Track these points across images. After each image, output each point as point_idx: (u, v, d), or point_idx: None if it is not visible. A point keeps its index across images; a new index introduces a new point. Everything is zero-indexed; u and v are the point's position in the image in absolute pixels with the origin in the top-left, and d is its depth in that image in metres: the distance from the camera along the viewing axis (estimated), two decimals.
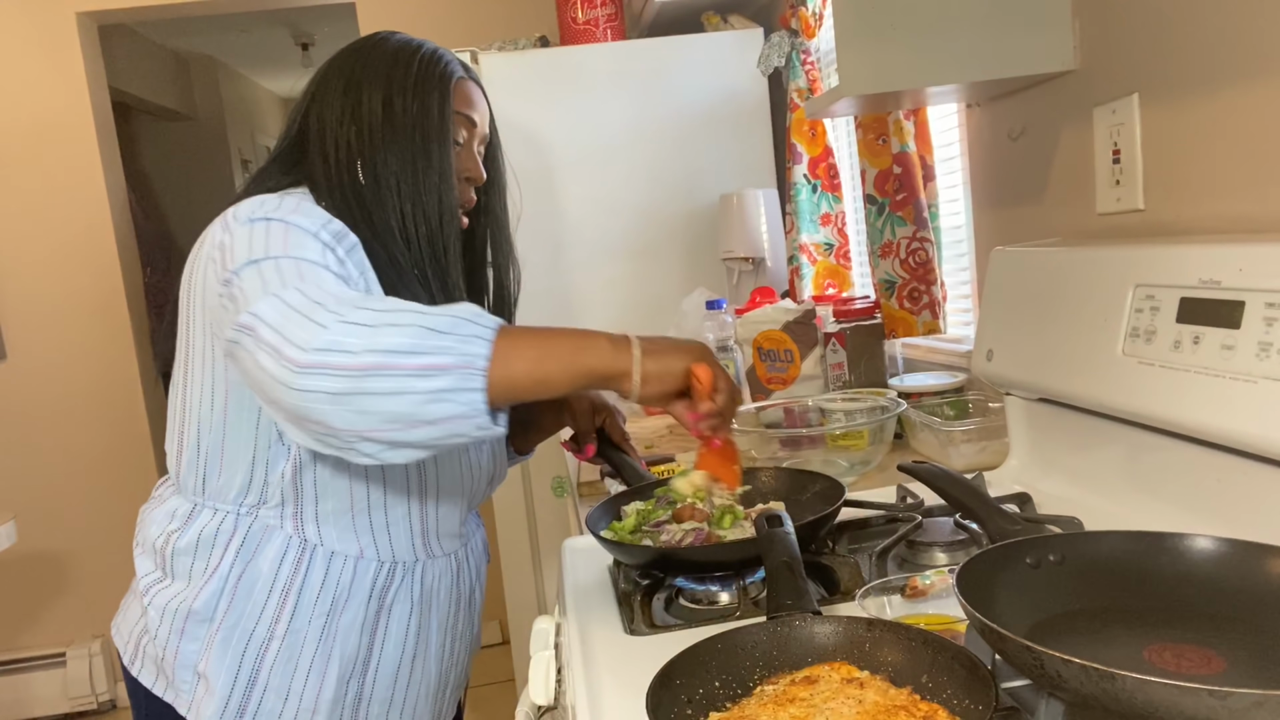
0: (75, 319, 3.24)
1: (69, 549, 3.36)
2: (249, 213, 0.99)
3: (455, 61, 1.15)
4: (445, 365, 0.83)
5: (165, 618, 1.08)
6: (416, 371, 0.82)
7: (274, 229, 0.96)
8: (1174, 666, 0.64)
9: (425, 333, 0.83)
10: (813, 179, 2.25)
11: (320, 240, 0.98)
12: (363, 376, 0.82)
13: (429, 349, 0.83)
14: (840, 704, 0.67)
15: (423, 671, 1.16)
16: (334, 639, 1.08)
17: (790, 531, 0.93)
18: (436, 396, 0.83)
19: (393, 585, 1.11)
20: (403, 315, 0.85)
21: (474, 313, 0.87)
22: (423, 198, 1.08)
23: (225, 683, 1.05)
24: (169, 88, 4.69)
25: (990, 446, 1.41)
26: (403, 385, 0.82)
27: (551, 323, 2.73)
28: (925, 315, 1.77)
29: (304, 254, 0.94)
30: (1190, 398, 0.93)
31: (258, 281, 0.90)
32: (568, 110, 2.52)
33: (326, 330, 0.83)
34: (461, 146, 1.14)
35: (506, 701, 2.91)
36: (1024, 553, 0.76)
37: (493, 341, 0.85)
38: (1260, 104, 1.01)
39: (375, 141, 1.08)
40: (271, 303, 0.86)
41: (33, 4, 3.14)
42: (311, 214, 1.01)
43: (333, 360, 0.82)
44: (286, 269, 0.91)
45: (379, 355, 0.82)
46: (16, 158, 3.18)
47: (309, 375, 0.82)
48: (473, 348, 0.84)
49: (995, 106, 1.55)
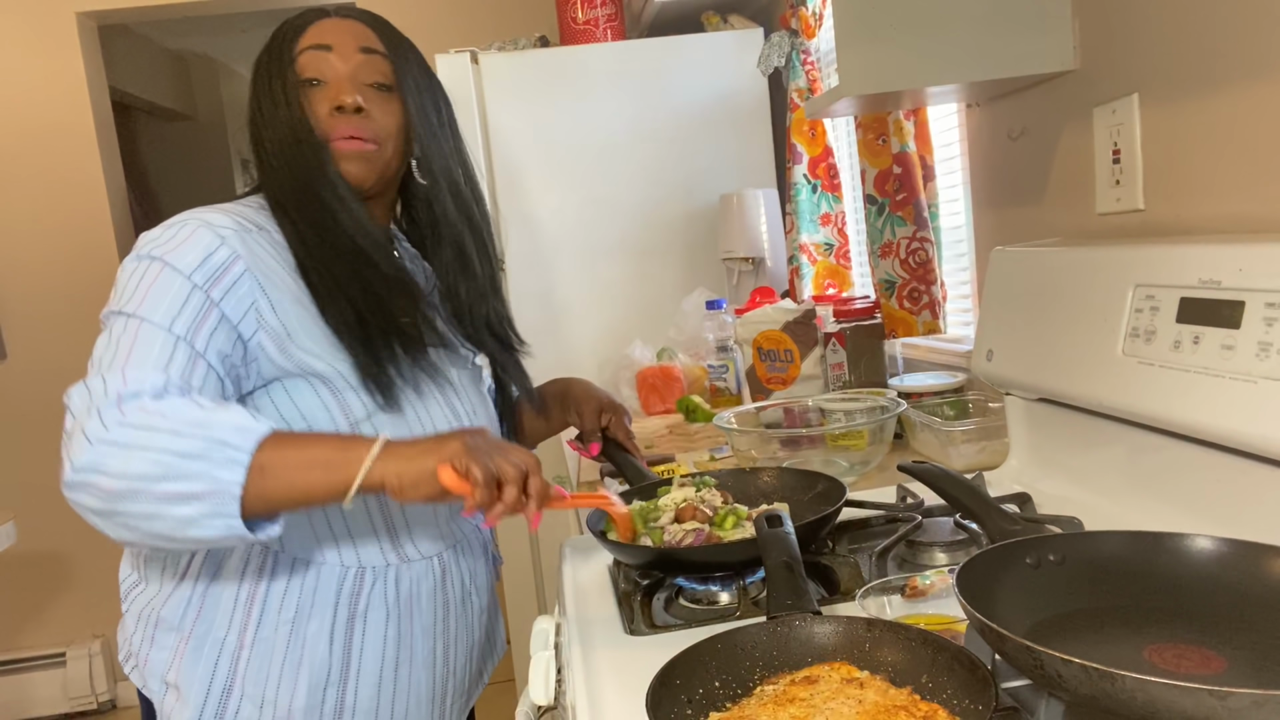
0: (75, 319, 3.24)
1: (69, 549, 3.36)
2: (143, 244, 0.99)
3: (311, 14, 1.10)
4: (197, 492, 0.85)
5: (140, 624, 1.08)
6: (167, 498, 0.85)
7: (149, 273, 0.96)
8: (1174, 666, 0.64)
9: (174, 459, 0.85)
10: (813, 179, 2.25)
11: (191, 281, 0.95)
12: (117, 499, 0.85)
13: (180, 474, 0.85)
14: (840, 704, 0.67)
15: (409, 680, 1.11)
16: (303, 647, 1.04)
17: (790, 531, 0.93)
18: (190, 521, 0.86)
19: (363, 591, 1.07)
20: (156, 436, 0.85)
21: (235, 429, 0.87)
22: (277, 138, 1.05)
23: (199, 691, 1.03)
24: (169, 88, 4.69)
25: (990, 446, 1.41)
26: (155, 510, 0.85)
27: (552, 323, 2.74)
28: (925, 315, 1.77)
29: (152, 313, 0.94)
30: (1190, 398, 0.93)
31: (101, 344, 0.95)
32: (568, 110, 2.52)
33: (91, 449, 0.85)
34: (323, 84, 1.06)
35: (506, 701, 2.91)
36: (1024, 553, 0.76)
37: (248, 466, 0.86)
38: (1260, 104, 1.01)
39: (254, 117, 1.07)
40: (80, 392, 0.90)
41: (33, 4, 3.14)
42: (196, 246, 0.97)
43: (91, 480, 0.85)
44: (124, 338, 0.93)
45: (131, 480, 0.85)
46: (16, 158, 3.18)
47: (74, 491, 0.86)
48: (226, 473, 0.85)
49: (995, 106, 1.55)
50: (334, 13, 1.11)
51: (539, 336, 2.57)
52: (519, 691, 1.17)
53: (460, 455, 0.87)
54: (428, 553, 1.12)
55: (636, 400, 2.19)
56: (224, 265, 0.97)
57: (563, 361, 2.56)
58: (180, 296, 0.95)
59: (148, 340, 0.93)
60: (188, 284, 0.96)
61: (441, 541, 1.14)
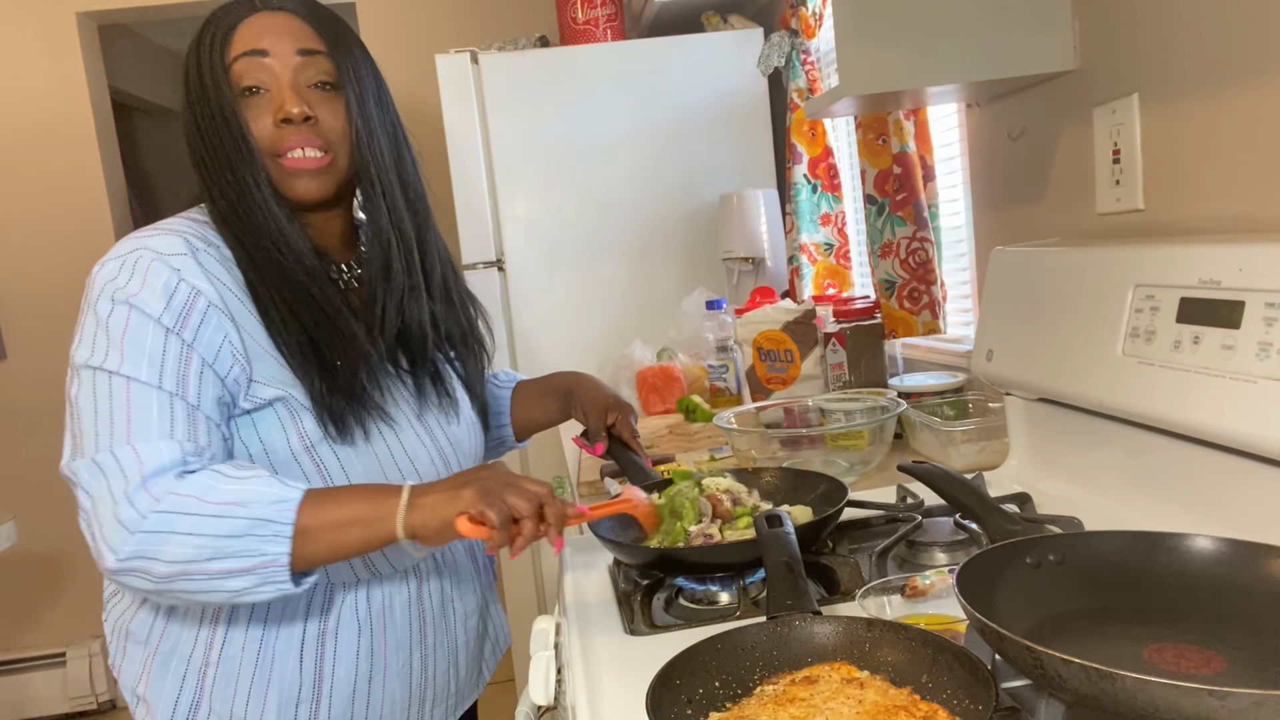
0: (75, 319, 3.23)
1: (69, 549, 3.35)
2: (102, 284, 0.96)
3: (240, 7, 1.02)
4: (247, 568, 0.88)
5: (114, 635, 1.09)
6: (220, 575, 0.88)
7: (115, 320, 0.93)
8: (1174, 666, 0.64)
9: (222, 541, 0.87)
10: (813, 179, 2.25)
11: (162, 325, 0.93)
12: (169, 580, 0.88)
13: (228, 553, 0.88)
14: (840, 704, 0.67)
15: (383, 691, 1.09)
16: (271, 664, 1.03)
17: (790, 531, 0.93)
18: (244, 592, 0.90)
19: (333, 608, 1.05)
20: (200, 521, 0.87)
21: (272, 503, 0.89)
22: (216, 155, 0.99)
23: (167, 705, 1.03)
24: (169, 88, 4.67)
25: (990, 446, 1.41)
26: (210, 586, 0.89)
27: (552, 323, 2.73)
28: (925, 315, 1.76)
29: (136, 370, 0.92)
30: (1190, 398, 0.93)
31: (90, 411, 0.91)
32: (568, 110, 2.52)
33: (131, 538, 0.87)
34: (263, 92, 1.00)
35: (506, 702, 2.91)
36: (1024, 553, 0.76)
37: (291, 538, 0.89)
38: (1260, 104, 1.01)
39: (187, 128, 1.01)
40: (90, 470, 0.89)
41: (33, 4, 3.14)
42: (157, 284, 0.94)
43: (139, 566, 0.88)
44: (115, 404, 0.91)
45: (181, 565, 0.87)
46: (16, 158, 3.18)
47: (123, 576, 0.89)
48: (272, 547, 0.88)
49: (995, 106, 1.55)
50: (260, 4, 1.03)
51: (539, 336, 2.59)
52: (519, 691, 1.17)
53: (475, 502, 0.89)
54: (401, 566, 1.10)
55: (636, 400, 2.19)
56: (187, 304, 0.95)
57: (563, 361, 2.56)
58: (158, 345, 0.93)
59: (143, 404, 0.92)
60: (160, 329, 0.93)
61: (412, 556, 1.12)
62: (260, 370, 0.99)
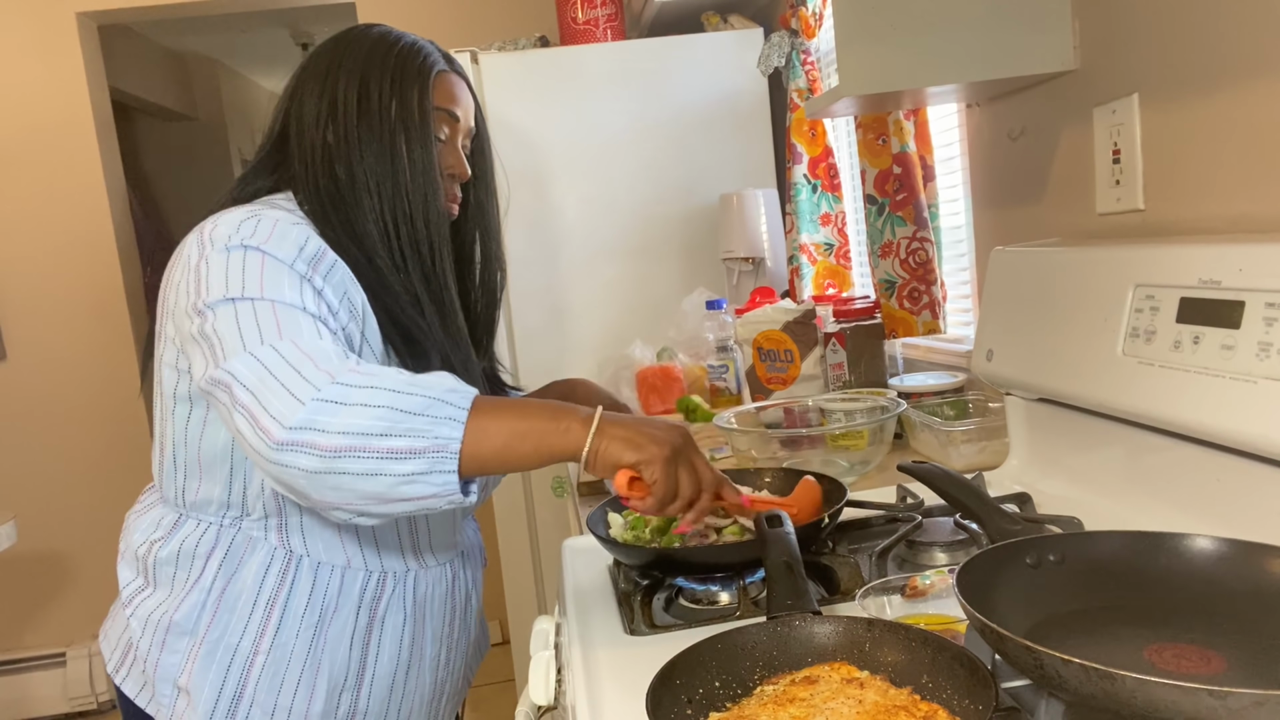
0: (75, 319, 3.24)
1: (69, 549, 3.36)
2: (226, 236, 0.96)
3: (436, 54, 1.11)
4: (419, 449, 0.83)
5: (147, 629, 1.06)
6: (390, 454, 0.83)
7: (250, 261, 0.94)
8: (1174, 666, 0.64)
9: (398, 415, 0.83)
10: (813, 179, 2.25)
11: (296, 271, 0.95)
12: (336, 457, 0.82)
13: (402, 431, 0.83)
14: (840, 704, 0.67)
15: (417, 682, 1.13)
16: (322, 651, 1.05)
17: (790, 531, 0.93)
18: (410, 479, 0.84)
19: (384, 596, 1.08)
20: (377, 394, 0.84)
21: (448, 390, 0.86)
22: (405, 199, 1.05)
23: (209, 697, 1.03)
24: (169, 88, 4.68)
25: (990, 446, 1.41)
26: (377, 467, 0.83)
27: (552, 323, 2.73)
28: (925, 315, 1.77)
29: (281, 295, 0.92)
30: (1190, 398, 0.93)
31: (233, 327, 0.89)
32: (568, 110, 2.52)
33: (303, 407, 0.83)
34: (444, 143, 1.11)
35: (506, 701, 2.91)
36: (1024, 553, 0.76)
37: (465, 423, 0.85)
38: (1260, 104, 1.01)
39: (351, 140, 1.05)
40: (247, 363, 0.86)
41: (33, 4, 3.14)
42: (287, 236, 0.97)
43: (306, 439, 0.82)
44: (264, 316, 0.90)
45: (352, 438, 0.82)
46: (16, 158, 3.18)
47: (285, 451, 0.82)
48: (446, 430, 0.84)
49: (995, 106, 1.55)
50: (449, 66, 1.12)
51: (539, 336, 2.59)
52: (519, 691, 1.18)
53: (654, 465, 0.88)
54: (443, 559, 1.15)
55: (636, 400, 2.19)
56: (318, 254, 0.98)
57: (563, 361, 2.56)
58: (295, 284, 0.94)
59: (292, 320, 0.90)
60: (294, 274, 0.95)
61: (454, 549, 1.17)
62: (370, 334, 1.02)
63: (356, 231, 1.04)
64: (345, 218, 1.04)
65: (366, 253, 1.04)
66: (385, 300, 1.04)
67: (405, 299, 1.05)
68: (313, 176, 1.06)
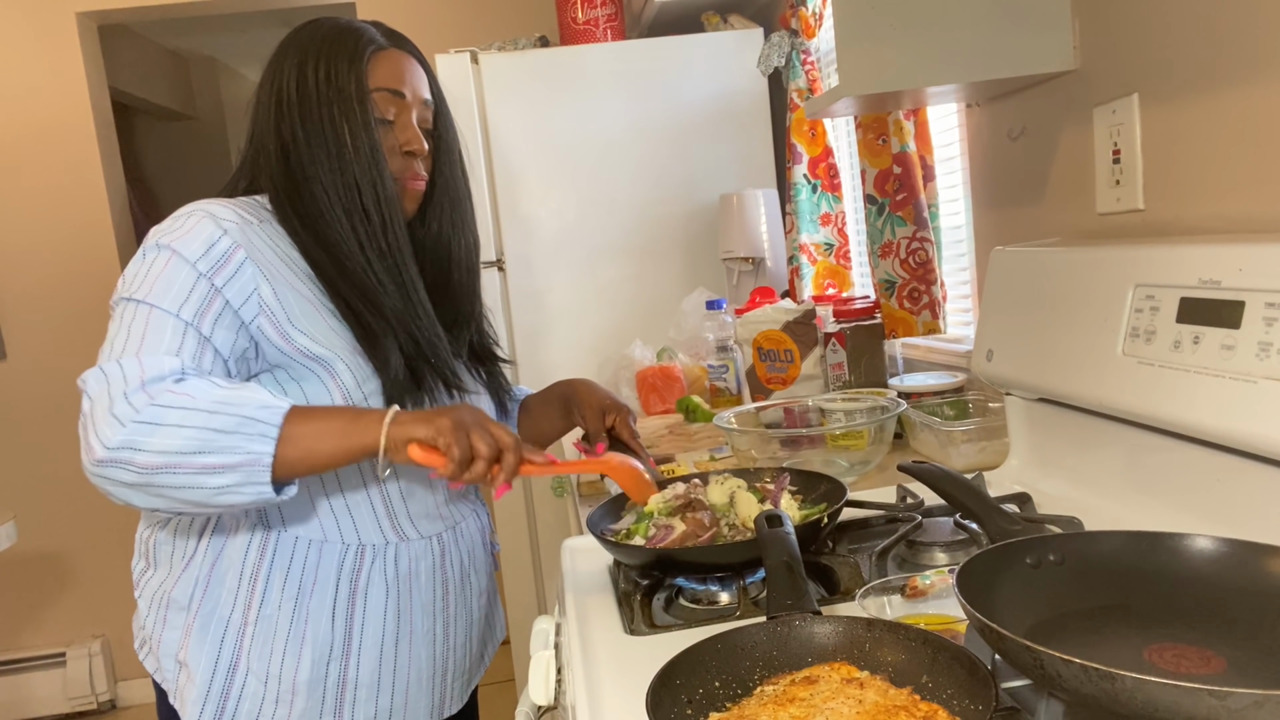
0: (75, 319, 3.24)
1: (69, 549, 3.36)
2: (158, 233, 1.04)
3: (373, 33, 1.14)
4: (233, 464, 0.92)
5: (153, 607, 1.12)
6: (205, 470, 0.91)
7: (159, 260, 1.01)
8: (1174, 666, 0.64)
9: (211, 434, 0.91)
10: (813, 179, 2.25)
11: (197, 270, 1.00)
12: (154, 473, 0.91)
13: (216, 448, 0.91)
14: (840, 704, 0.67)
15: (410, 655, 1.16)
16: (305, 622, 1.09)
17: (790, 531, 0.93)
18: (225, 490, 0.92)
19: (364, 568, 1.12)
20: (191, 414, 0.91)
21: (261, 406, 0.94)
22: (353, 181, 1.09)
23: (206, 668, 1.08)
24: (169, 88, 4.68)
25: (990, 446, 1.41)
26: (193, 481, 0.91)
27: (552, 323, 2.73)
28: (925, 315, 1.77)
29: (161, 299, 0.99)
30: (1190, 398, 0.93)
31: (114, 330, 0.99)
32: (568, 110, 2.52)
33: (123, 429, 0.90)
34: (393, 122, 1.13)
35: (507, 701, 2.91)
36: (1024, 553, 0.76)
37: (277, 439, 0.93)
38: (1260, 104, 1.01)
39: (297, 132, 1.09)
40: (97, 376, 0.94)
41: (33, 4, 3.14)
42: (200, 236, 1.02)
43: (124, 457, 0.90)
44: (137, 323, 0.98)
45: (169, 456, 0.90)
46: (16, 158, 3.18)
47: (106, 467, 0.91)
48: (257, 446, 0.92)
49: (995, 106, 1.55)
50: (390, 42, 1.15)
51: (539, 337, 2.59)
52: (519, 691, 1.18)
53: (445, 432, 0.95)
54: (426, 533, 1.17)
55: (636, 400, 2.19)
56: (225, 254, 1.03)
57: (563, 362, 2.56)
58: (187, 284, 1.00)
59: (159, 326, 0.98)
60: (194, 272, 1.01)
61: (441, 523, 1.19)
62: (303, 326, 1.06)
63: (317, 225, 1.09)
64: (303, 212, 1.09)
65: (326, 245, 1.09)
66: (341, 285, 1.08)
67: (363, 279, 1.09)
68: (269, 170, 1.11)
